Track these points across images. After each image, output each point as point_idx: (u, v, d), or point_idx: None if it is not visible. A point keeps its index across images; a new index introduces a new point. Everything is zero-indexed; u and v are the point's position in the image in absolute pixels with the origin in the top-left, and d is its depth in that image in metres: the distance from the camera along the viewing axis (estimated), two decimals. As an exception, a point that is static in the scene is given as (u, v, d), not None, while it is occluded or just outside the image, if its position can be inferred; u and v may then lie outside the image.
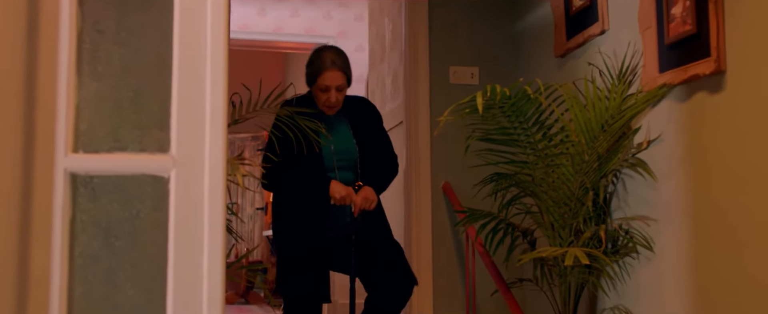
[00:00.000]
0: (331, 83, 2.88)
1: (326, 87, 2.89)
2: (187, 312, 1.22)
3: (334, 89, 2.89)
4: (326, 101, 2.91)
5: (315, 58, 2.95)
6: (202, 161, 1.26)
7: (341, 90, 2.92)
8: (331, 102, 2.91)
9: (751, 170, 2.36)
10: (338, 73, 2.89)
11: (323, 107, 2.95)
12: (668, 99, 2.78)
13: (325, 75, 2.87)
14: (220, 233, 1.26)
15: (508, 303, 3.13)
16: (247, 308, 7.71)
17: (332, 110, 2.97)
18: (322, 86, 2.89)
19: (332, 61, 2.89)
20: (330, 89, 2.89)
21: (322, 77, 2.88)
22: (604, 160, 2.95)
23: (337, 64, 2.89)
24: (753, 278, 2.35)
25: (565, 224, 3.00)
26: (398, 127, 4.22)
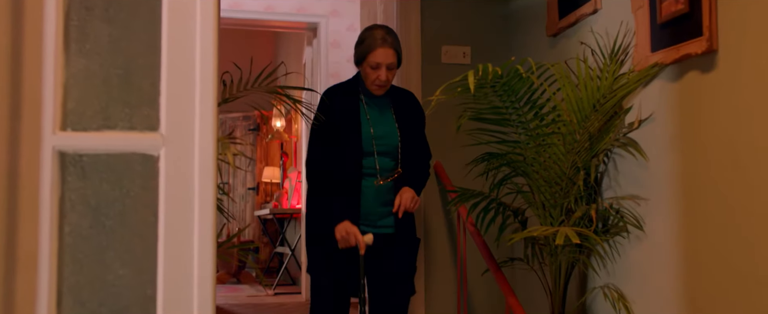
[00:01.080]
0: (383, 60, 2.84)
1: (377, 64, 2.84)
2: (178, 291, 1.22)
3: (384, 66, 2.85)
4: (376, 79, 2.87)
5: (365, 36, 2.91)
6: (191, 139, 1.25)
7: (392, 69, 2.88)
8: (382, 80, 2.87)
9: (743, 150, 2.37)
10: (390, 51, 2.86)
11: (372, 86, 2.90)
12: (660, 78, 2.78)
13: (376, 52, 2.83)
14: (210, 212, 1.25)
15: (498, 283, 3.15)
16: (238, 287, 7.73)
17: (381, 90, 2.93)
18: (372, 63, 2.85)
19: (383, 38, 2.85)
20: (381, 67, 2.85)
21: (373, 54, 2.84)
22: (596, 139, 2.95)
23: (389, 42, 2.85)
24: (742, 257, 2.36)
25: (556, 203, 3.01)
26: (390, 106, 4.21)
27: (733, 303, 2.40)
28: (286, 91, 3.00)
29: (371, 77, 2.87)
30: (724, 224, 2.45)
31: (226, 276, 8.17)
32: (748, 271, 2.34)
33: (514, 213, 3.24)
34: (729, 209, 2.42)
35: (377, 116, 2.94)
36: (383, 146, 2.90)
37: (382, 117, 2.95)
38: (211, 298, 1.23)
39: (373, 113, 2.93)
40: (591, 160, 2.98)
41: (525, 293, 3.59)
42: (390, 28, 2.91)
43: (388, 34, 2.87)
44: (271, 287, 7.34)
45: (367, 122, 2.89)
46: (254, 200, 9.56)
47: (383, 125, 2.92)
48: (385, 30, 2.89)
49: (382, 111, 2.96)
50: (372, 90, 2.90)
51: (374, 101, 2.94)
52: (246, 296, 7.02)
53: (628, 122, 2.96)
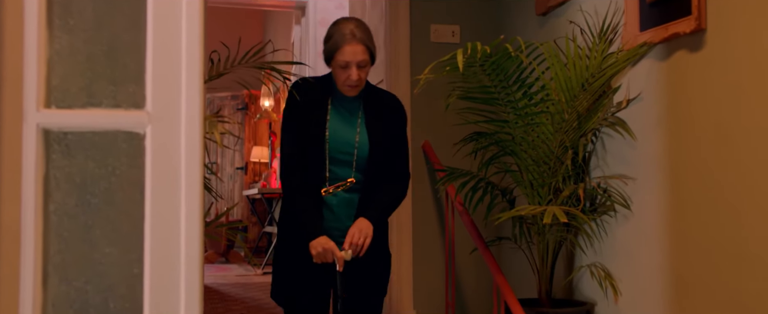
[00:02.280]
0: (352, 58, 2.46)
1: (346, 63, 2.47)
2: (165, 270, 1.21)
3: (354, 65, 2.47)
4: (347, 79, 2.49)
5: (332, 31, 2.54)
6: (178, 117, 1.24)
7: (363, 67, 2.50)
8: (353, 81, 2.48)
9: (730, 129, 2.38)
10: (359, 47, 2.47)
11: (343, 87, 2.53)
12: (648, 58, 2.78)
13: (344, 49, 2.46)
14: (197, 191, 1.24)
15: (486, 261, 3.16)
16: (227, 267, 7.73)
17: (354, 90, 2.54)
18: (341, 62, 2.47)
19: (352, 33, 2.48)
20: (350, 66, 2.47)
21: (341, 52, 2.47)
22: (584, 119, 2.95)
23: (358, 37, 2.48)
24: (729, 235, 2.38)
25: (544, 182, 3.01)
26: (378, 85, 4.20)
27: (720, 281, 2.42)
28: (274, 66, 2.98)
29: (341, 77, 2.51)
30: (711, 203, 2.46)
31: (215, 255, 8.17)
32: (734, 250, 2.36)
33: (502, 192, 3.25)
34: (716, 188, 2.44)
35: (341, 119, 2.57)
36: (340, 154, 2.53)
37: (347, 122, 2.57)
38: (198, 277, 1.23)
39: (337, 116, 2.56)
40: (579, 139, 2.99)
41: (513, 272, 3.62)
42: (360, 21, 2.56)
43: (357, 27, 2.51)
44: (260, 266, 7.35)
45: (335, 125, 2.55)
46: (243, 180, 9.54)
47: (342, 130, 2.55)
48: (355, 23, 2.53)
49: (351, 115, 2.58)
50: (343, 91, 2.55)
51: (344, 103, 2.58)
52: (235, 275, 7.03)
53: (616, 101, 2.96)
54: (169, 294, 1.22)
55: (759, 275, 2.25)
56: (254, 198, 8.64)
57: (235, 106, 9.55)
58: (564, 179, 3.00)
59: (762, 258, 2.23)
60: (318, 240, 2.44)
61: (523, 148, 3.02)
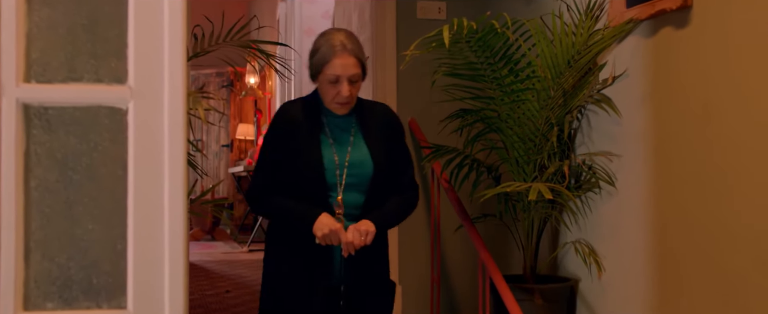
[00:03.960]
0: (343, 72, 2.24)
1: (336, 78, 2.24)
2: (148, 247, 1.21)
3: (346, 80, 2.24)
4: (337, 96, 2.26)
5: (320, 43, 2.31)
6: (161, 92, 1.22)
7: (355, 82, 2.27)
8: (343, 97, 2.26)
9: (715, 106, 2.39)
10: (351, 60, 2.25)
11: (332, 105, 2.30)
12: (635, 34, 2.78)
13: (333, 62, 2.24)
14: (181, 167, 1.23)
15: (472, 238, 3.17)
16: (213, 244, 7.73)
17: (344, 108, 2.31)
18: (330, 76, 2.24)
19: (342, 44, 2.25)
20: (341, 80, 2.24)
21: (330, 65, 2.24)
22: (570, 96, 2.95)
23: (349, 49, 2.25)
24: (711, 212, 2.40)
25: (530, 159, 3.02)
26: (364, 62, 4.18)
27: (703, 257, 2.45)
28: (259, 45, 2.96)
29: (330, 94, 2.27)
30: (695, 180, 2.48)
31: (201, 232, 8.16)
32: (716, 226, 2.38)
33: (487, 169, 3.26)
34: (700, 166, 2.45)
35: (337, 141, 2.34)
36: (352, 177, 2.31)
37: (344, 142, 2.35)
38: (182, 253, 1.22)
39: (337, 136, 2.34)
40: (565, 116, 2.99)
41: (498, 248, 3.63)
42: (350, 32, 2.36)
43: (347, 38, 2.29)
44: (246, 244, 7.35)
45: (330, 147, 2.31)
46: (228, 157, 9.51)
47: (342, 153, 2.33)
48: (345, 34, 2.32)
49: (346, 134, 2.36)
50: (333, 109, 2.31)
51: (337, 122, 2.35)
52: (221, 253, 7.04)
53: (602, 78, 2.96)
54: (153, 271, 1.21)
55: (742, 251, 2.27)
56: (240, 176, 8.62)
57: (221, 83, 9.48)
58: (549, 156, 3.01)
59: (744, 234, 2.25)
60: (322, 220, 2.22)
61: (508, 125, 3.02)
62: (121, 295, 1.19)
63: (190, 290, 4.20)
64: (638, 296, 2.75)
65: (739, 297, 2.28)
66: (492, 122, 3.09)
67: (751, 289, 2.22)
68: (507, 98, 3.00)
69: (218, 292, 4.75)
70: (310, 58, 2.33)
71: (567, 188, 2.87)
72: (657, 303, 2.66)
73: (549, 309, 2.98)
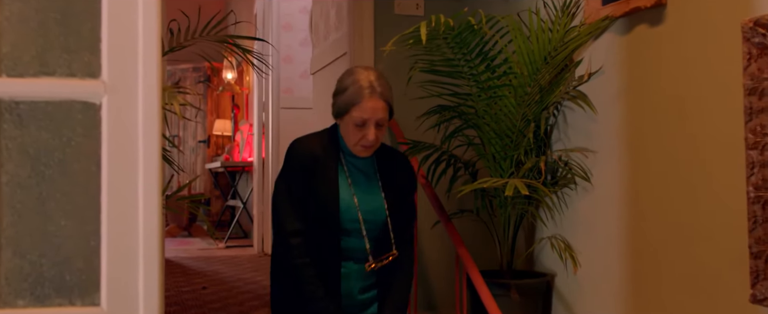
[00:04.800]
0: (372, 115, 2.15)
1: (363, 121, 2.16)
2: (123, 243, 1.19)
3: (373, 123, 2.17)
4: (362, 139, 2.18)
5: (348, 82, 2.20)
6: (135, 87, 1.21)
7: (382, 126, 2.20)
8: (370, 141, 2.18)
9: (689, 103, 2.41)
10: (380, 104, 2.17)
11: (356, 148, 2.22)
12: (610, 32, 2.80)
13: (362, 106, 2.15)
14: (155, 162, 1.22)
15: (449, 234, 3.18)
16: (190, 241, 7.68)
17: (369, 151, 2.24)
18: (358, 119, 2.15)
19: (371, 87, 2.16)
20: (368, 124, 2.16)
21: (359, 108, 2.15)
22: (546, 92, 2.97)
23: (378, 92, 2.16)
24: (686, 209, 2.43)
25: (507, 155, 3.03)
26: (342, 58, 4.17)
27: (676, 252, 2.47)
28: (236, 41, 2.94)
29: (355, 137, 2.19)
30: (669, 177, 2.50)
31: (177, 229, 8.10)
32: (690, 222, 2.40)
33: (464, 165, 3.27)
34: (674, 162, 2.48)
35: (357, 184, 2.27)
36: (369, 223, 2.25)
37: (364, 187, 2.29)
38: (157, 249, 1.21)
39: (356, 178, 2.27)
40: (541, 112, 3.01)
41: (475, 244, 3.64)
42: (379, 73, 2.25)
43: (378, 79, 2.19)
44: (223, 240, 7.32)
45: (349, 190, 2.24)
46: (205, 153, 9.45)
47: (368, 197, 2.27)
48: (375, 74, 2.21)
49: (367, 178, 2.30)
50: (356, 152, 2.24)
51: (357, 162, 2.29)
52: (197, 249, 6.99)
53: (578, 75, 2.98)
54: (128, 267, 1.20)
55: (715, 247, 2.30)
56: (217, 171, 8.57)
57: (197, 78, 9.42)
58: (526, 152, 3.02)
59: (717, 230, 2.28)
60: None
61: (485, 121, 3.03)
62: (94, 292, 1.18)
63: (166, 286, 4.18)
64: (613, 291, 2.78)
65: (711, 291, 2.31)
66: (469, 118, 3.10)
67: (723, 284, 2.25)
68: (484, 94, 3.01)
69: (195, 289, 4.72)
70: (336, 96, 2.23)
71: (543, 184, 2.88)
72: (632, 297, 2.69)
73: (525, 304, 3.00)
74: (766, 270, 1.97)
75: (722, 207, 2.25)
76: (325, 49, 4.63)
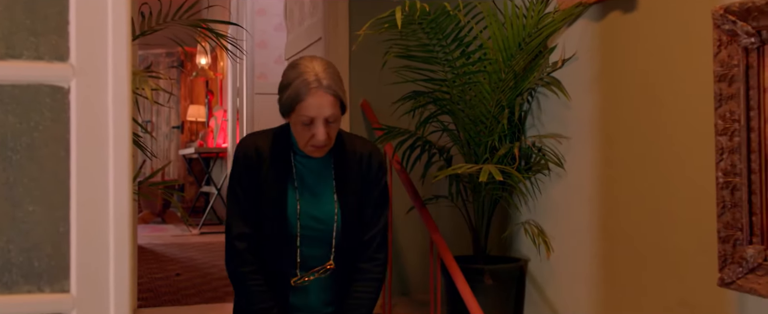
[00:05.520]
0: (318, 112, 1.92)
1: (310, 119, 1.93)
2: (93, 229, 1.18)
3: (322, 121, 1.94)
4: (312, 139, 1.96)
5: (292, 76, 1.96)
6: (104, 70, 1.19)
7: (333, 122, 1.96)
8: (319, 141, 1.95)
9: (660, 90, 2.43)
10: (327, 99, 1.92)
11: (307, 148, 2.00)
12: (584, 18, 2.81)
13: (307, 103, 1.92)
14: (126, 147, 1.21)
15: (423, 219, 3.19)
16: (163, 227, 7.63)
17: (321, 151, 2.01)
18: (304, 117, 1.93)
19: (318, 80, 1.92)
20: (316, 122, 1.94)
21: (303, 106, 1.92)
22: (520, 78, 2.98)
23: (325, 85, 1.92)
24: (657, 194, 2.46)
25: (481, 141, 3.05)
26: (317, 43, 4.15)
27: (647, 237, 2.50)
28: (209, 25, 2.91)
29: (304, 136, 1.97)
30: (641, 163, 2.53)
31: (151, 215, 8.04)
32: (661, 207, 2.43)
33: (439, 151, 3.27)
34: (646, 148, 2.50)
35: (307, 187, 2.06)
36: (312, 231, 2.05)
37: (315, 189, 2.07)
38: (128, 235, 1.20)
39: (304, 180, 2.06)
40: (515, 99, 3.02)
41: (449, 230, 3.66)
42: (327, 62, 2.00)
43: (324, 71, 1.95)
44: (197, 226, 7.27)
45: (294, 194, 2.04)
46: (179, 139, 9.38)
47: (313, 200, 2.05)
48: (321, 64, 1.96)
49: (320, 179, 2.07)
50: (307, 152, 2.02)
51: (309, 165, 2.07)
52: (171, 236, 6.95)
53: (552, 61, 3.00)
54: (98, 254, 1.19)
55: (684, 232, 2.33)
56: (191, 158, 8.51)
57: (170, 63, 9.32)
58: (500, 138, 3.03)
59: (687, 215, 2.31)
60: None
61: (460, 107, 3.04)
62: (64, 279, 1.16)
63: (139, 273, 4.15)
64: (585, 275, 2.81)
65: (681, 275, 2.34)
66: (444, 104, 3.10)
67: (692, 267, 2.29)
68: (459, 80, 3.01)
69: (168, 275, 4.70)
70: (280, 93, 2.00)
71: (517, 170, 2.90)
72: (603, 282, 2.72)
73: (498, 289, 3.02)
74: (734, 254, 2.01)
75: (693, 193, 2.28)
76: (300, 34, 4.60)
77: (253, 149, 2.04)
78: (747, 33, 1.93)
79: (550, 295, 3.03)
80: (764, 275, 1.93)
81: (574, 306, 2.88)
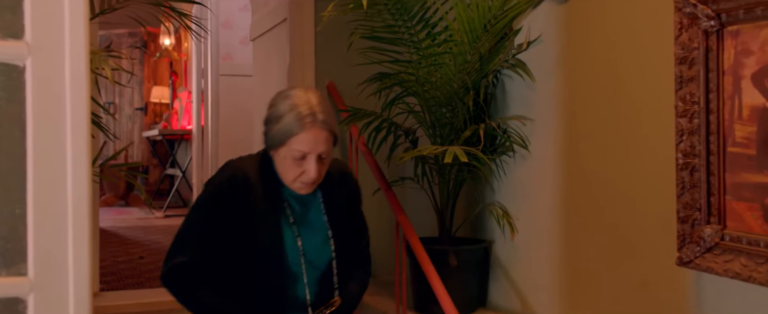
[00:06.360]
0: (313, 148, 1.80)
1: (303, 155, 1.81)
2: (50, 211, 1.16)
3: (315, 157, 1.81)
4: (302, 176, 1.83)
5: (283, 109, 1.83)
6: (61, 48, 1.16)
7: (325, 159, 1.84)
8: (311, 178, 1.82)
9: (624, 71, 2.46)
10: (324, 134, 1.81)
11: (295, 184, 1.85)
12: (549, 0, 2.82)
13: (301, 138, 1.79)
14: (84, 127, 1.18)
15: (389, 202, 3.20)
16: (127, 210, 7.54)
17: (309, 188, 1.87)
18: (297, 152, 1.80)
19: (312, 114, 1.80)
20: (309, 158, 1.81)
21: (296, 140, 1.79)
22: (486, 60, 2.99)
23: (320, 120, 1.80)
24: (620, 174, 2.49)
25: (446, 123, 3.05)
26: (282, 24, 4.11)
27: (609, 218, 2.54)
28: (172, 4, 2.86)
29: (293, 172, 1.83)
30: (604, 144, 2.56)
31: (114, 198, 7.94)
32: (624, 189, 2.47)
33: (405, 133, 3.28)
34: (609, 130, 2.53)
35: (306, 217, 1.94)
36: (316, 263, 1.92)
37: (313, 219, 1.95)
38: (86, 216, 1.18)
39: (298, 215, 1.92)
40: (481, 80, 3.03)
41: (415, 211, 3.67)
42: (321, 96, 1.87)
43: (319, 105, 1.82)
44: (162, 209, 7.20)
45: (291, 229, 1.89)
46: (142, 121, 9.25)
47: (314, 236, 1.93)
48: (316, 98, 1.84)
49: (310, 209, 1.95)
50: (294, 189, 1.87)
51: (299, 199, 1.93)
52: (135, 219, 6.87)
53: (517, 43, 3.01)
54: (56, 236, 1.17)
55: (645, 212, 2.37)
56: (155, 140, 8.40)
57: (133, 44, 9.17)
58: (465, 120, 3.04)
59: (645, 195, 2.35)
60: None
61: (426, 89, 3.04)
62: (21, 262, 1.14)
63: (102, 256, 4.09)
64: (549, 255, 2.84)
65: (642, 254, 2.38)
66: (409, 85, 3.10)
67: (652, 247, 2.33)
68: (424, 62, 3.01)
69: (131, 258, 4.65)
70: (269, 124, 1.86)
71: (482, 152, 2.91)
72: (566, 261, 2.76)
73: (463, 270, 3.05)
74: (692, 234, 2.04)
75: (654, 174, 2.31)
76: (265, 14, 4.55)
77: (239, 178, 1.86)
78: (707, 16, 1.95)
79: (514, 276, 3.06)
80: (721, 254, 1.98)
81: (538, 286, 2.92)
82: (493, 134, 3.10)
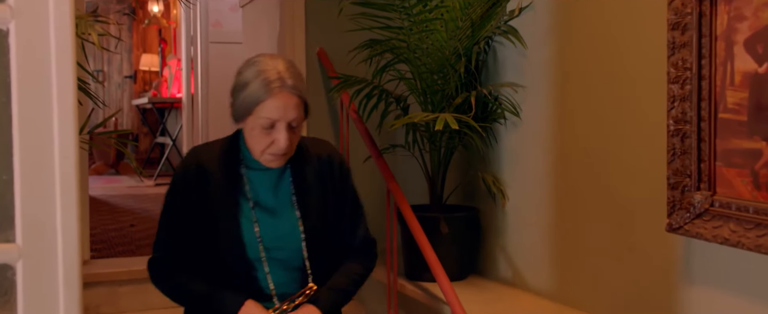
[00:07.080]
0: (282, 115, 1.72)
1: (272, 123, 1.73)
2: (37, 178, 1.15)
3: (284, 125, 1.73)
4: (272, 146, 1.75)
5: (249, 75, 1.74)
6: (45, 12, 1.14)
7: (296, 127, 1.77)
8: (281, 148, 1.74)
9: (616, 38, 2.45)
10: (293, 100, 1.72)
11: (264, 157, 1.78)
12: (541, -34, 2.80)
13: (269, 104, 1.71)
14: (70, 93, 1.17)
15: (380, 169, 3.19)
16: (118, 178, 7.53)
17: (281, 160, 1.80)
18: (265, 120, 1.72)
19: (281, 80, 1.72)
20: (278, 126, 1.73)
21: (264, 107, 1.71)
22: (478, 27, 2.96)
23: (289, 85, 1.72)
24: (611, 142, 2.49)
25: (437, 90, 3.04)
26: (271, -10, 4.06)
27: (600, 184, 2.55)
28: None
29: (263, 143, 1.75)
30: (596, 111, 2.55)
31: (104, 166, 7.92)
32: (615, 155, 2.47)
33: (396, 100, 3.26)
34: (601, 97, 2.53)
35: (267, 200, 1.85)
36: (277, 251, 1.83)
37: (277, 202, 1.85)
38: (74, 182, 1.17)
39: (261, 198, 1.84)
40: (472, 47, 3.01)
41: (406, 179, 3.68)
42: (289, 61, 1.79)
43: (287, 70, 1.74)
44: (152, 177, 7.19)
45: (250, 213, 1.82)
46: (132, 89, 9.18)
47: (274, 219, 1.84)
48: (283, 64, 1.75)
49: (277, 190, 1.86)
50: (264, 162, 1.79)
51: (263, 177, 1.85)
52: (125, 187, 6.86)
53: (509, 9, 2.98)
54: (44, 203, 1.16)
55: (636, 179, 2.37)
56: (145, 108, 8.35)
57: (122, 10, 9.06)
58: (457, 87, 3.03)
59: (637, 164, 2.35)
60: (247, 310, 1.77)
61: (417, 55, 3.02)
62: (8, 228, 1.13)
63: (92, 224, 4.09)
64: (540, 222, 2.85)
65: (632, 220, 2.39)
66: (401, 52, 3.07)
67: (642, 214, 2.34)
68: (415, 28, 2.98)
69: (122, 226, 4.65)
70: (235, 94, 1.77)
71: (473, 119, 2.91)
72: (556, 229, 2.77)
73: (454, 237, 3.06)
74: (682, 200, 2.05)
75: (646, 141, 2.32)
76: (254, -20, 4.49)
77: (193, 166, 1.83)
78: (701, -19, 1.94)
79: (504, 243, 3.08)
80: (710, 220, 1.99)
81: (528, 253, 2.94)
82: (484, 102, 3.09)
